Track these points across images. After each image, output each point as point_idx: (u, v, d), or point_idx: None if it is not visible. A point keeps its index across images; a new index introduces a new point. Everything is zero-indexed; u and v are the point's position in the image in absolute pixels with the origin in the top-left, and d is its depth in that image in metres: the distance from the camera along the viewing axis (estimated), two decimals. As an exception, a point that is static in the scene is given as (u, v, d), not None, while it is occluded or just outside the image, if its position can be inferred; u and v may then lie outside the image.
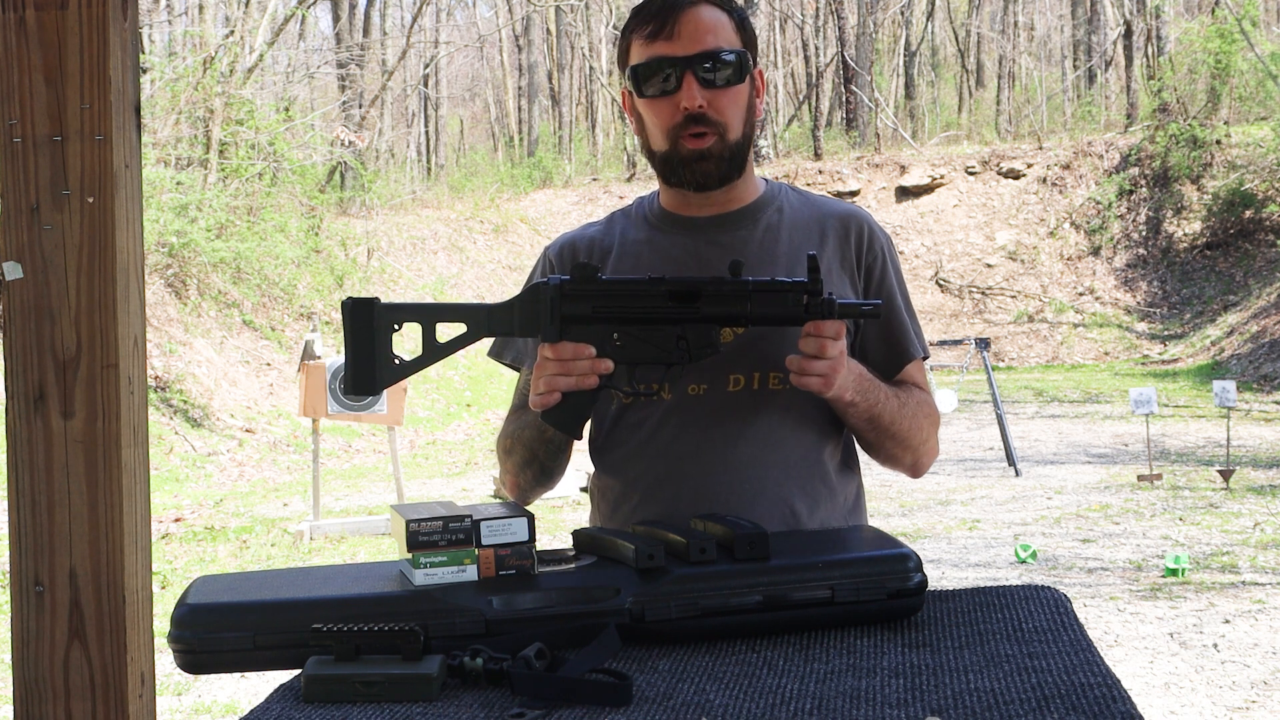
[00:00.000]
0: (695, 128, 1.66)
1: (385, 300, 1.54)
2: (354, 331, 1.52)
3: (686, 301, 1.55)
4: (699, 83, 1.65)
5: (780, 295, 1.55)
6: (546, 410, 1.58)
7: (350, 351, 1.52)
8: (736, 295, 1.55)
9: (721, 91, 1.66)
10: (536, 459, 1.74)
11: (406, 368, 1.53)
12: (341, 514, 8.79)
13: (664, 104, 1.67)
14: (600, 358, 1.55)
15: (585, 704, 1.16)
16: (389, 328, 1.52)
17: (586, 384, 1.55)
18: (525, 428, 1.73)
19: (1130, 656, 4.83)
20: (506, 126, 36.76)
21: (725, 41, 1.67)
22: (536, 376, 1.58)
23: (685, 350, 1.57)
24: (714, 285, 1.55)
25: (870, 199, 22.83)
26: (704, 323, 1.56)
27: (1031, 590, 1.49)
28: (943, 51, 37.75)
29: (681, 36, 1.65)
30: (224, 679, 4.70)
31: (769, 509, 1.68)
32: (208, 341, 13.72)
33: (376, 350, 1.52)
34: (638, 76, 1.68)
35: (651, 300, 1.55)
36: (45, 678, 1.39)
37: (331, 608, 1.32)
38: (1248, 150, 20.29)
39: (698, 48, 1.65)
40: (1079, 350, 19.60)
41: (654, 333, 1.56)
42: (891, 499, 8.65)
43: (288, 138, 17.49)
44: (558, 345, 1.55)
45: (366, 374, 1.52)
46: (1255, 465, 9.44)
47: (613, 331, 1.56)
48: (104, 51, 1.39)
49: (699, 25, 1.66)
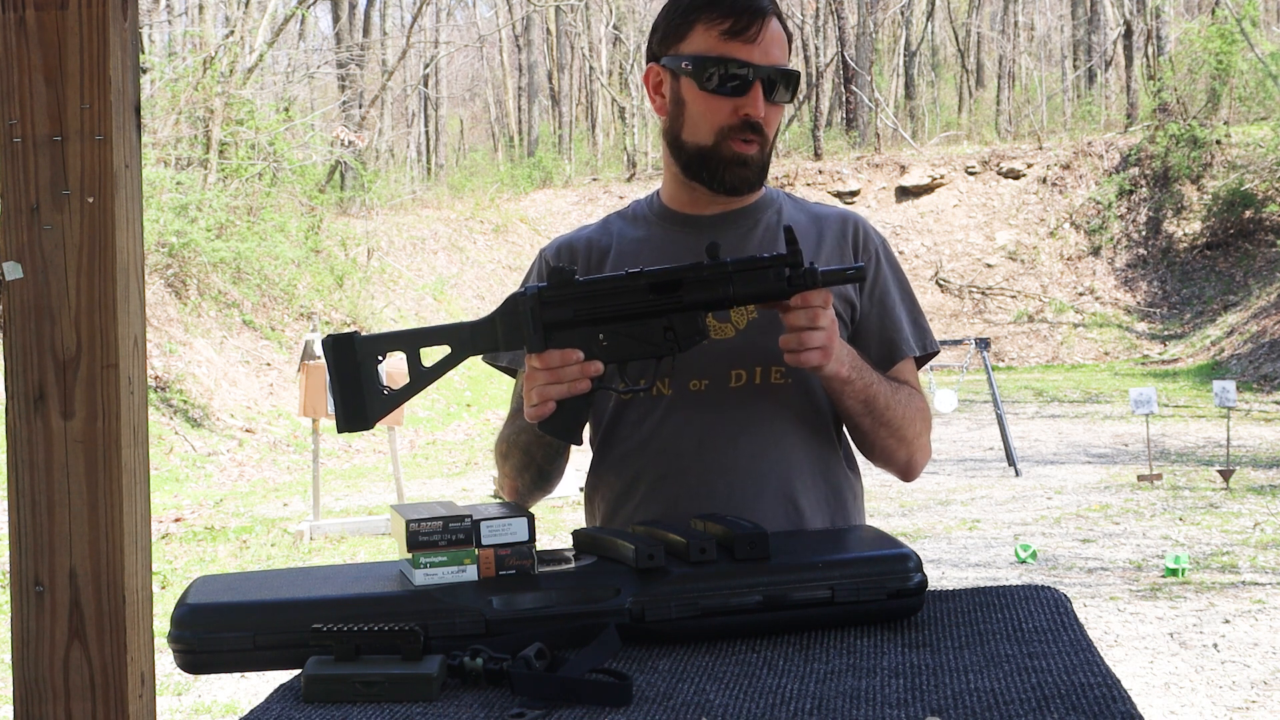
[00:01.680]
0: (748, 134, 1.67)
1: (364, 332, 1.52)
2: (338, 368, 1.50)
3: (669, 292, 1.52)
4: (765, 96, 1.66)
5: (762, 272, 1.52)
6: (543, 420, 1.56)
7: (337, 389, 1.50)
8: (718, 278, 1.52)
9: (777, 107, 1.69)
10: (534, 462, 1.74)
11: (396, 397, 1.51)
12: (341, 514, 8.79)
13: (724, 102, 1.67)
14: (589, 360, 1.52)
15: (585, 704, 1.16)
16: (373, 359, 1.50)
17: (578, 389, 1.53)
18: (521, 432, 1.72)
19: (1130, 656, 4.83)
20: (506, 126, 36.75)
21: (788, 59, 1.71)
22: (528, 388, 1.55)
23: (674, 340, 1.54)
24: (694, 271, 1.52)
25: (870, 199, 22.83)
26: (689, 310, 1.53)
27: (1031, 590, 1.49)
28: (943, 51, 37.74)
29: (761, 44, 1.66)
30: (224, 679, 4.70)
31: (772, 505, 1.68)
32: (208, 341, 13.72)
33: (364, 384, 1.50)
34: (703, 66, 1.66)
35: (633, 295, 1.52)
36: (45, 678, 1.39)
37: (331, 608, 1.32)
38: (1248, 150, 20.30)
39: (773, 61, 1.67)
40: (1079, 350, 19.61)
41: (640, 327, 1.53)
42: (891, 499, 8.64)
43: (288, 138, 17.49)
44: (544, 354, 1.52)
45: (357, 409, 1.50)
46: (1255, 465, 9.44)
47: (598, 332, 1.53)
48: (104, 51, 1.39)
49: (777, 38, 1.68)
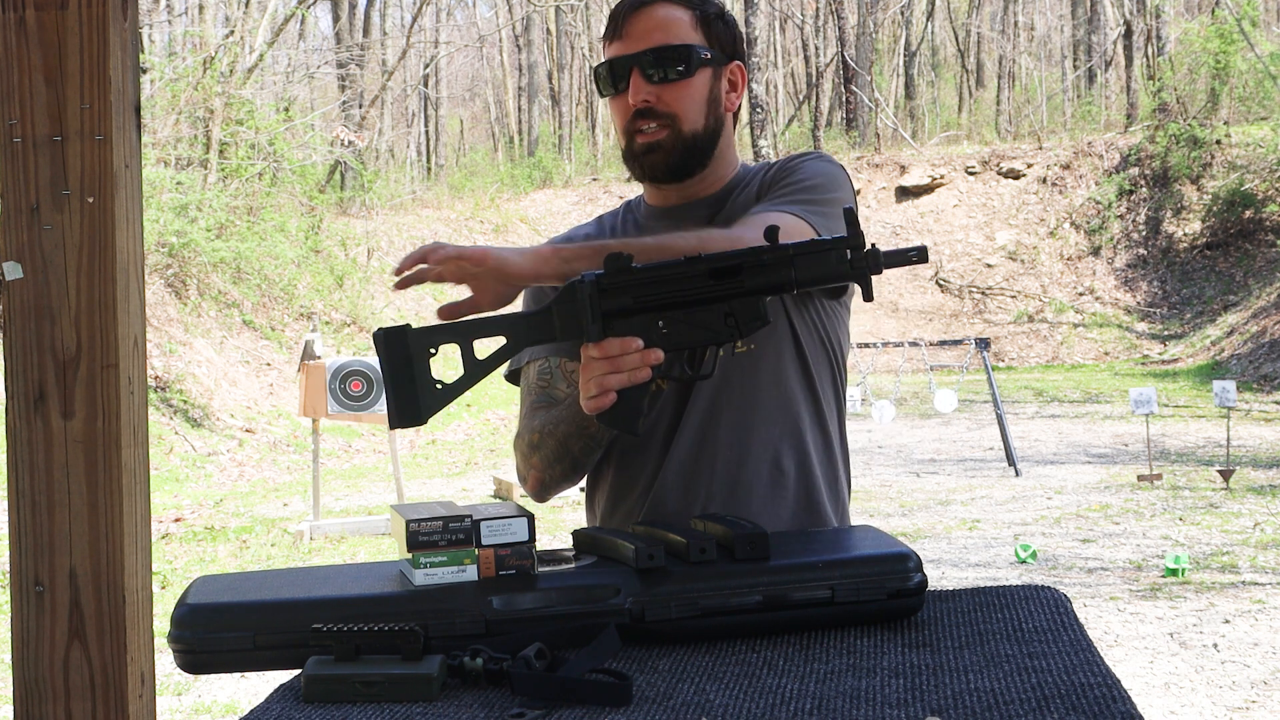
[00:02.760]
0: (644, 121, 1.71)
1: (415, 325, 1.46)
2: (390, 363, 1.44)
3: (729, 277, 1.48)
4: (644, 78, 1.70)
5: (824, 254, 1.47)
6: (602, 413, 1.51)
7: (390, 384, 1.44)
8: (779, 262, 1.47)
9: (670, 85, 1.70)
10: (569, 454, 1.71)
11: (451, 390, 1.45)
12: (341, 514, 8.79)
13: (618, 102, 1.74)
14: (648, 349, 1.48)
15: (585, 704, 1.16)
16: (425, 353, 1.45)
17: (639, 378, 1.49)
18: (560, 423, 1.70)
19: (1130, 656, 4.83)
20: (506, 126, 36.76)
21: (676, 36, 1.71)
22: (585, 379, 1.51)
23: (735, 326, 1.50)
24: (754, 256, 1.48)
25: (870, 199, 22.82)
26: (750, 295, 1.49)
27: (1031, 590, 1.49)
28: (943, 51, 37.74)
29: (630, 36, 1.72)
30: (224, 679, 4.70)
31: (757, 466, 1.72)
32: (208, 341, 13.72)
33: (417, 378, 1.45)
34: (598, 79, 1.76)
35: (693, 281, 1.48)
36: (45, 678, 1.39)
37: (331, 608, 1.31)
38: (1248, 150, 20.30)
39: (643, 45, 1.70)
40: (1079, 350, 19.60)
41: (701, 314, 1.49)
42: (891, 499, 8.64)
43: (288, 138, 17.50)
44: (603, 343, 1.48)
45: (410, 405, 1.45)
46: (1255, 465, 9.44)
47: (658, 319, 1.49)
48: (104, 51, 1.39)
49: (648, 23, 1.71)
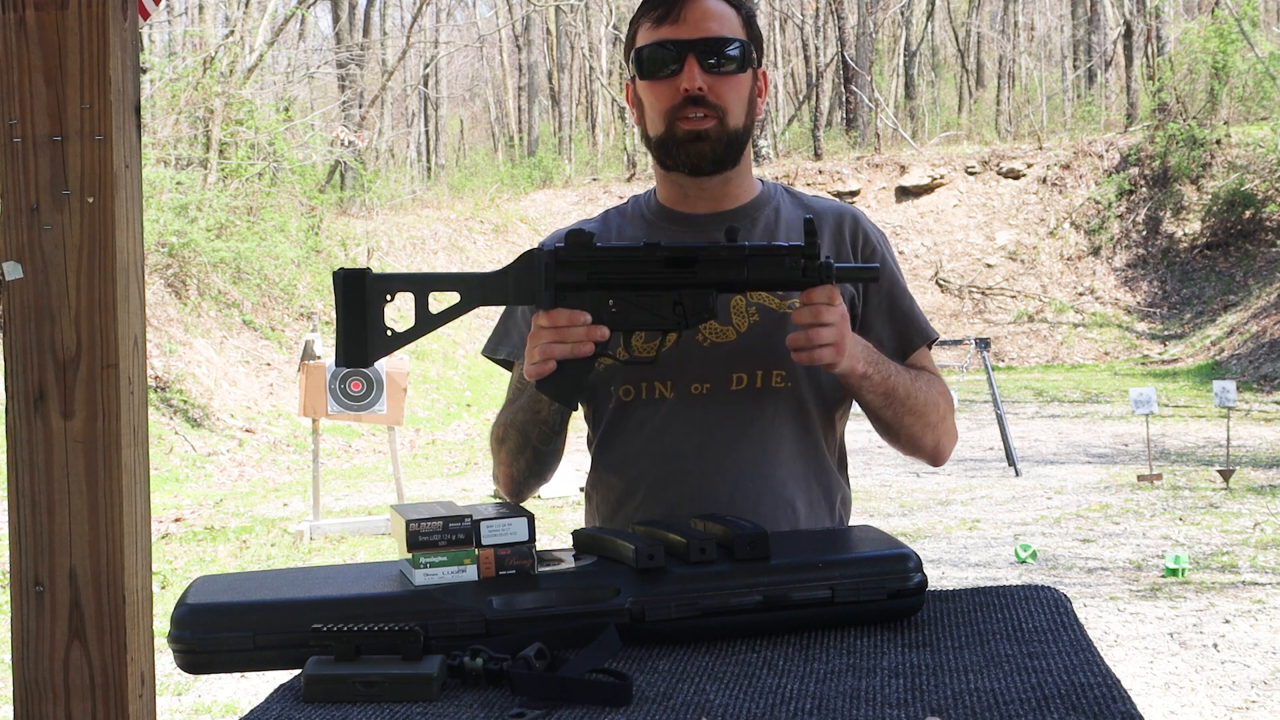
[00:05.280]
0: (694, 109, 1.68)
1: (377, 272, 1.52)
2: (346, 303, 1.50)
3: (683, 267, 1.53)
4: (700, 67, 1.67)
5: (777, 259, 1.53)
6: (542, 380, 1.56)
7: (342, 323, 1.50)
8: (733, 260, 1.53)
9: (723, 78, 1.68)
10: (530, 444, 1.71)
11: (399, 338, 1.51)
12: (341, 514, 8.79)
13: (665, 86, 1.69)
14: (596, 325, 1.53)
15: (585, 704, 1.16)
16: (381, 298, 1.50)
17: (582, 351, 1.53)
18: (519, 411, 1.71)
19: (1130, 656, 4.83)
20: (506, 126, 36.75)
21: (730, 31, 1.70)
22: (531, 345, 1.55)
23: (682, 316, 1.55)
24: (710, 250, 1.54)
25: (870, 199, 22.82)
26: (701, 288, 1.54)
27: (1031, 590, 1.49)
28: (943, 51, 37.73)
29: (687, 21, 1.68)
30: (224, 679, 4.70)
31: (772, 508, 1.69)
32: (208, 341, 13.71)
33: (369, 322, 1.50)
34: (641, 59, 1.70)
35: (648, 266, 1.53)
36: (45, 678, 1.39)
37: (331, 608, 1.31)
38: (1248, 150, 20.28)
39: (702, 33, 1.68)
40: (1079, 350, 19.60)
41: (650, 298, 1.54)
42: (891, 499, 8.64)
43: (288, 138, 17.49)
44: (553, 312, 1.52)
45: (358, 347, 1.50)
46: (1255, 465, 9.44)
47: (608, 298, 1.54)
48: (104, 51, 1.39)
49: (705, 12, 1.69)
